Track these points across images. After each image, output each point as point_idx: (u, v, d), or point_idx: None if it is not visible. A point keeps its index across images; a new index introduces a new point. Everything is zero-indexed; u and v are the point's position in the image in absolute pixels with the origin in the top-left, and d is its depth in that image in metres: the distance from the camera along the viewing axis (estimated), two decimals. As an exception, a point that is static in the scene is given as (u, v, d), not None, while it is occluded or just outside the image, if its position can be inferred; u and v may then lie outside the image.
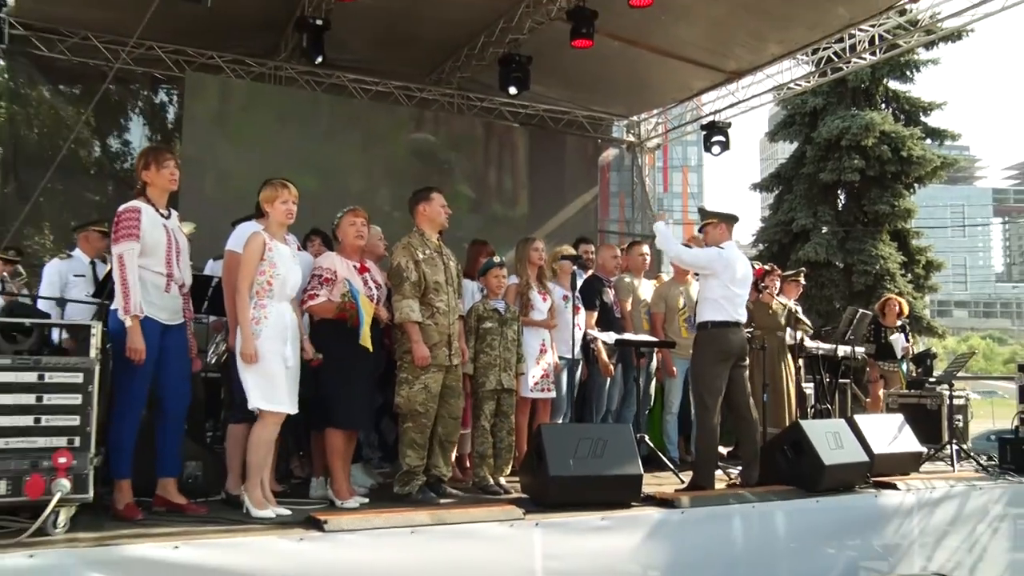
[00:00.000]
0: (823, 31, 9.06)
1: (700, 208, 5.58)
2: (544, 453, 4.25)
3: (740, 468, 5.25)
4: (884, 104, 19.73)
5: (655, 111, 12.11)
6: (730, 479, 5.38)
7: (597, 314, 6.03)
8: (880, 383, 8.03)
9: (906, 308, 8.38)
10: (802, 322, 6.92)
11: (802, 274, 7.57)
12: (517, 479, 4.80)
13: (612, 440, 4.45)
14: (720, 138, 10.74)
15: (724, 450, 6.13)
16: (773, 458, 5.06)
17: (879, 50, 9.39)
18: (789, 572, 4.54)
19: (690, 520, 4.31)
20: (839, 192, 19.51)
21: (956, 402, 6.83)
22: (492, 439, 4.90)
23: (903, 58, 17.76)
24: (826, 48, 9.43)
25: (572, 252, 5.91)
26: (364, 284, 4.45)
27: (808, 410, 7.10)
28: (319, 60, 8.16)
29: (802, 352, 6.85)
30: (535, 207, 10.79)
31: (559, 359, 5.54)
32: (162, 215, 3.93)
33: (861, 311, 7.50)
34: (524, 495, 4.55)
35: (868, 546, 4.90)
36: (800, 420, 5.65)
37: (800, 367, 6.90)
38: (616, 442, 4.46)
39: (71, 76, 9.04)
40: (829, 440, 4.98)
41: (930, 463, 6.15)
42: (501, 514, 3.92)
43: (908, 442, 5.66)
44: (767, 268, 6.85)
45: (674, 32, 8.81)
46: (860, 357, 7.71)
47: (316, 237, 5.40)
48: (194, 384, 4.31)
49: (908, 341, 8.21)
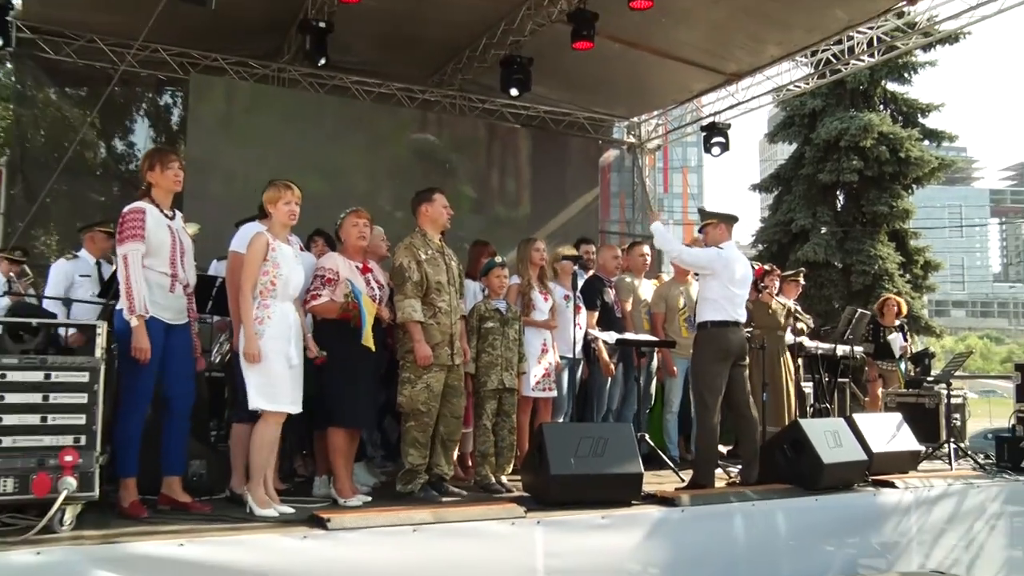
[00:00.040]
0: (822, 33, 9.09)
1: (700, 209, 5.60)
2: (545, 452, 4.27)
3: (740, 467, 5.28)
4: (882, 105, 19.72)
5: (655, 112, 12.14)
6: (730, 478, 5.40)
7: (598, 314, 6.05)
8: (879, 382, 8.05)
9: (904, 308, 8.40)
10: (802, 317, 6.95)
11: (801, 274, 7.58)
12: (518, 478, 4.82)
13: (613, 439, 4.47)
14: (720, 139, 10.78)
15: (724, 449, 6.14)
16: (773, 457, 5.08)
17: (877, 52, 9.42)
18: (789, 570, 4.56)
19: (690, 518, 4.33)
20: (838, 193, 19.50)
21: (954, 401, 6.85)
22: (494, 438, 4.93)
23: (901, 60, 17.74)
24: (825, 50, 9.46)
25: (573, 252, 5.92)
26: (366, 284, 4.47)
27: (807, 409, 7.13)
28: (322, 62, 8.19)
29: (801, 351, 6.89)
30: (536, 208, 10.83)
31: (560, 359, 5.56)
32: (167, 216, 3.96)
33: (860, 311, 7.51)
34: (525, 493, 4.56)
35: (867, 544, 4.92)
36: (799, 419, 5.65)
37: (799, 366, 6.93)
38: (617, 441, 4.48)
39: (77, 78, 9.10)
40: (828, 439, 5.01)
41: (928, 462, 6.19)
42: (503, 512, 3.94)
43: (906, 441, 5.69)
44: (767, 268, 6.86)
45: (674, 34, 8.85)
46: (859, 356, 7.74)
47: (319, 238, 5.43)
48: (198, 383, 4.34)
49: (906, 340, 8.24)
